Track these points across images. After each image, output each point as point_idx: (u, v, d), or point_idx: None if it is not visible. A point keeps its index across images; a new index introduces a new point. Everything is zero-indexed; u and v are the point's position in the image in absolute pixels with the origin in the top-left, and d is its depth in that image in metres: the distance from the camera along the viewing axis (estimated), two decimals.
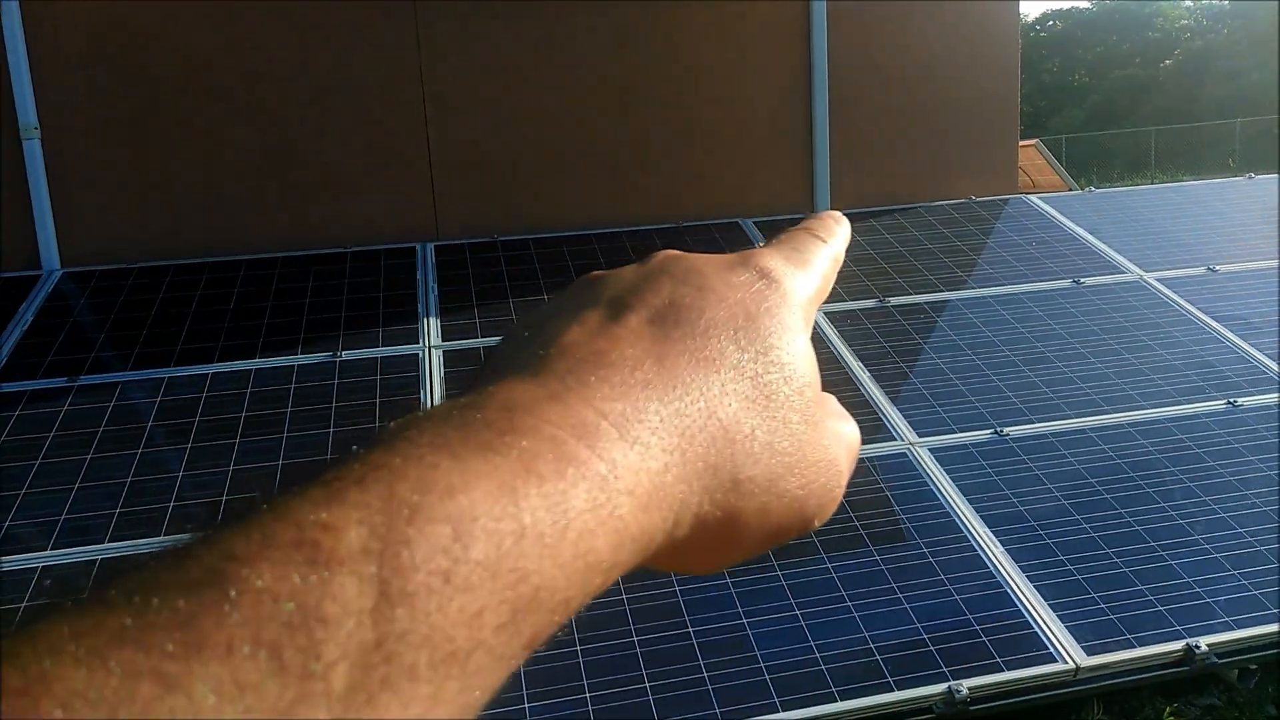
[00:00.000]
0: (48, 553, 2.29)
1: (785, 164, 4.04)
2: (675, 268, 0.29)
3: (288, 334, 3.15)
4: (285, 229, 3.69)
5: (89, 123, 3.48)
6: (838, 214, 0.35)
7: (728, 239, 3.77)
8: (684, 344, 0.26)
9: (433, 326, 3.23)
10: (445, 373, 2.99)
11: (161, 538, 2.36)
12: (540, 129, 3.86)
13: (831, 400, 0.31)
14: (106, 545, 2.32)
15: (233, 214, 3.64)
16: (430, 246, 3.73)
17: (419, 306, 3.34)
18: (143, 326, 3.14)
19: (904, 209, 4.02)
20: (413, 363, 3.05)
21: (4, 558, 2.28)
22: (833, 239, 0.34)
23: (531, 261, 3.66)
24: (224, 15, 3.54)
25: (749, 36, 3.95)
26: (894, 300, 3.28)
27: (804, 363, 0.28)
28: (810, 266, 0.31)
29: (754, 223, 3.88)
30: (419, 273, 3.55)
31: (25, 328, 3.08)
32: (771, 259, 0.30)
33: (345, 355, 3.05)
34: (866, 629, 1.94)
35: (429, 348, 3.12)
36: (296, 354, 3.05)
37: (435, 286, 3.46)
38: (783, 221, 3.94)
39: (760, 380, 0.26)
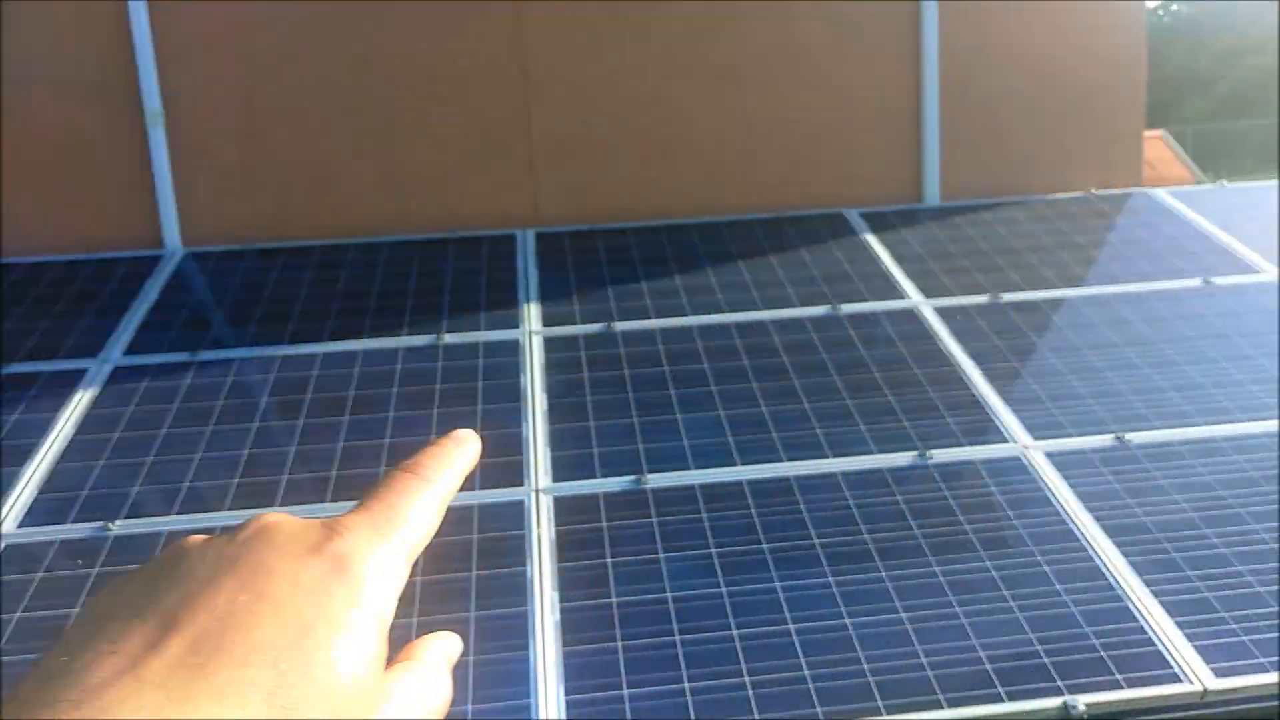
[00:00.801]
0: (171, 517, 2.39)
1: (892, 152, 3.93)
2: (248, 560, 0.29)
3: (393, 316, 3.22)
4: (390, 214, 3.76)
5: (208, 110, 3.61)
6: (464, 434, 0.35)
7: (832, 229, 3.69)
8: (213, 681, 0.26)
9: (533, 312, 3.25)
10: (545, 358, 3.00)
11: (276, 507, 2.43)
12: (639, 115, 3.84)
13: (414, 671, 0.31)
14: (225, 513, 2.40)
15: (341, 199, 3.73)
16: (529, 233, 3.75)
17: (519, 292, 3.37)
18: (257, 305, 3.24)
19: (1019, 201, 3.86)
20: (513, 348, 3.07)
21: (131, 520, 2.39)
22: (442, 474, 0.33)
23: (630, 250, 3.66)
24: (332, 5, 3.62)
25: (855, 18, 3.85)
26: (1007, 296, 3.15)
27: (352, 671, 0.28)
28: (405, 525, 0.32)
29: (859, 213, 3.78)
30: (518, 259, 3.58)
31: (150, 305, 3.22)
32: (353, 538, 0.30)
33: (449, 338, 3.09)
34: (976, 636, 1.87)
35: (529, 333, 3.14)
36: (402, 336, 3.11)
37: (535, 273, 3.49)
38: (890, 213, 3.84)
39: (291, 705, 0.26)
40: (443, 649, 0.34)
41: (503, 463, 2.59)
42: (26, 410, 2.74)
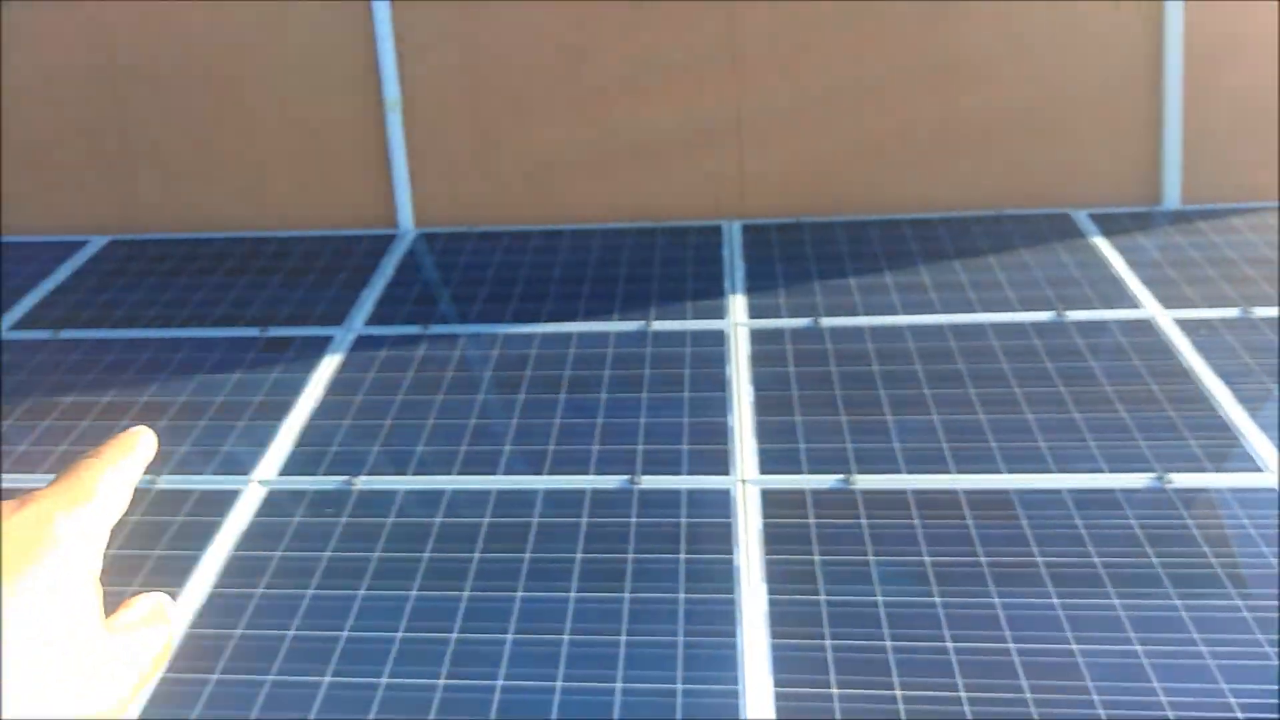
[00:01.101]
0: (405, 478, 2.60)
1: (1127, 150, 3.69)
2: None
3: (605, 302, 3.33)
4: (603, 202, 3.89)
5: (440, 99, 3.85)
6: (140, 428, 0.39)
7: (1057, 230, 3.51)
8: None
9: (738, 304, 3.29)
10: (751, 350, 3.04)
11: (496, 475, 2.59)
12: (853, 106, 3.78)
13: (132, 611, 0.35)
14: (454, 477, 2.59)
15: (558, 186, 3.89)
16: (736, 225, 3.79)
17: (725, 284, 3.41)
18: (481, 285, 3.45)
19: (1271, 206, 3.54)
20: (719, 338, 3.12)
21: (371, 478, 2.61)
22: (123, 457, 0.37)
23: (838, 244, 3.62)
24: (556, 2, 3.78)
25: (1088, 6, 3.63)
26: (1260, 312, 2.91)
27: (66, 611, 0.31)
28: (92, 495, 0.35)
29: (1088, 214, 3.58)
30: (725, 250, 3.62)
31: (387, 280, 3.49)
32: (45, 504, 0.33)
33: (657, 326, 3.18)
34: (1225, 680, 1.76)
35: (734, 324, 3.18)
36: (613, 321, 3.22)
37: (741, 265, 3.52)
38: (1123, 215, 3.61)
39: (18, 639, 0.29)
40: (153, 603, 0.37)
41: (710, 451, 2.64)
42: (284, 370, 3.04)
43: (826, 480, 2.46)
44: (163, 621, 0.36)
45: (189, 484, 2.63)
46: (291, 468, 2.67)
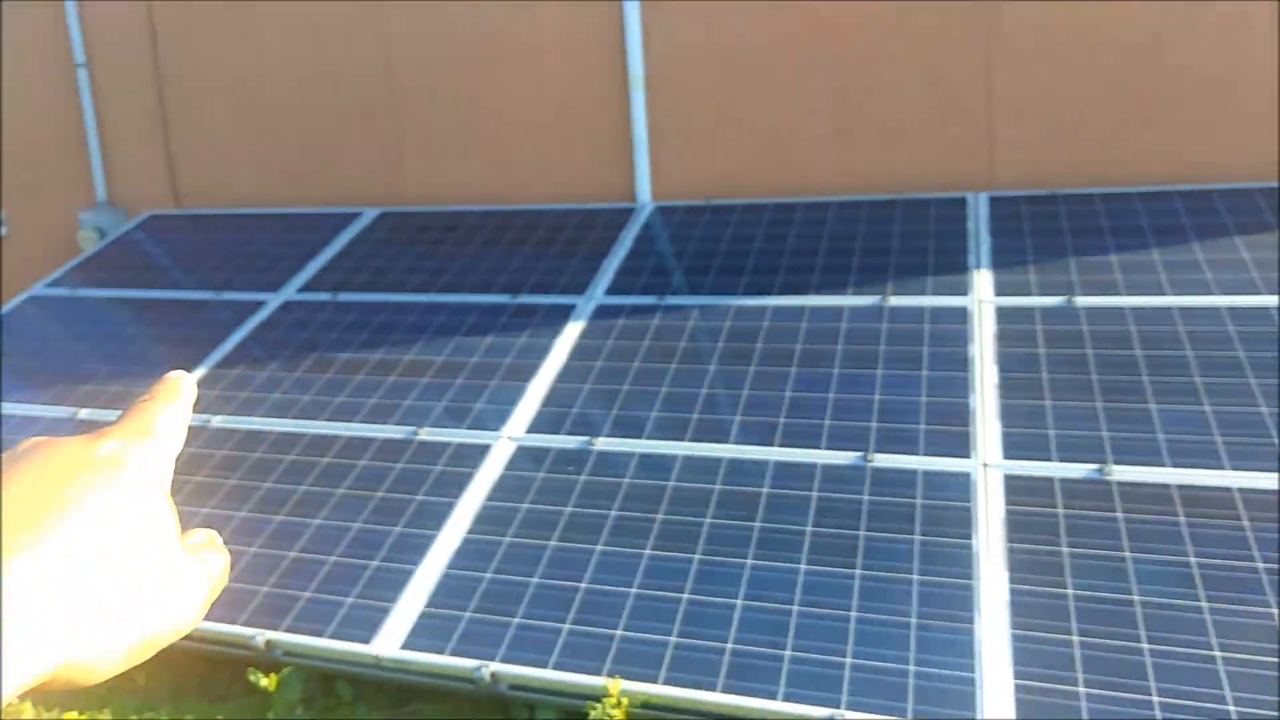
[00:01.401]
0: (641, 441, 2.70)
1: None
2: (36, 455, 0.35)
3: (839, 275, 3.29)
4: (839, 173, 3.82)
5: (683, 74, 3.91)
6: (178, 376, 0.42)
7: None
8: (39, 521, 0.32)
9: (983, 280, 3.14)
10: (997, 329, 2.90)
11: (727, 444, 2.65)
12: (1118, 71, 3.48)
13: (196, 535, 0.38)
14: (686, 444, 2.67)
15: (793, 158, 3.86)
16: (982, 197, 3.60)
17: (969, 258, 3.27)
18: (715, 257, 3.50)
19: None
20: (961, 315, 3.00)
21: (609, 439, 2.74)
22: (173, 399, 0.40)
23: (1097, 217, 3.36)
24: None
25: None
26: None
27: (146, 527, 0.35)
28: (154, 431, 0.39)
29: None
30: (969, 223, 3.46)
31: (626, 252, 3.62)
32: (116, 438, 0.37)
33: (894, 301, 3.10)
34: None
35: (979, 301, 3.04)
36: (847, 295, 3.17)
37: (988, 238, 3.35)
38: None
39: (104, 545, 0.33)
40: (208, 535, 0.40)
41: (949, 431, 2.56)
42: (531, 335, 3.24)
43: (1079, 469, 2.31)
44: (219, 550, 0.40)
45: (447, 436, 2.87)
46: (537, 426, 2.85)
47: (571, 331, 3.23)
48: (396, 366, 3.21)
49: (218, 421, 3.08)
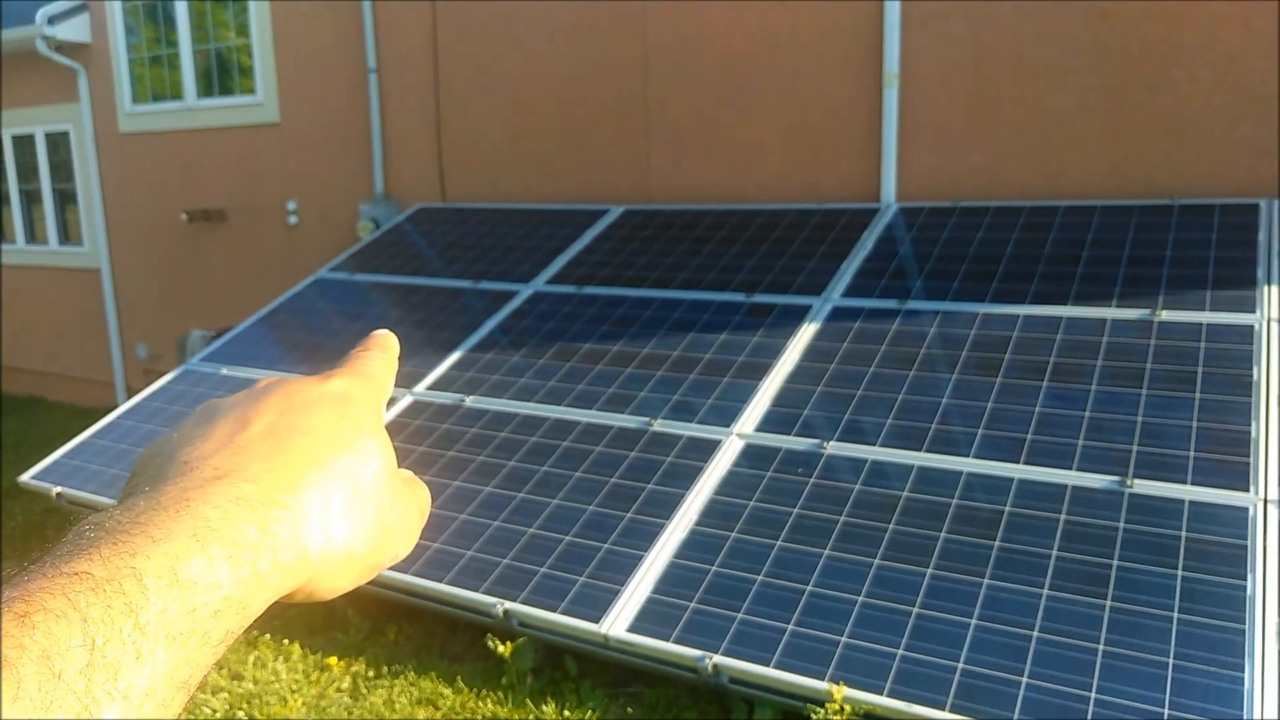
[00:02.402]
0: (873, 449, 2.65)
1: None
2: (277, 391, 0.39)
3: (1102, 285, 3.06)
4: (1107, 176, 3.55)
5: (940, 71, 3.77)
6: (383, 332, 0.46)
7: None
8: (287, 444, 0.36)
9: (1274, 296, 2.81)
10: None
11: (966, 458, 2.54)
12: None
13: (406, 472, 0.42)
14: (923, 454, 2.59)
15: (1058, 158, 3.62)
16: (1277, 204, 3.22)
17: (1258, 271, 2.94)
18: (961, 261, 3.36)
19: None
20: (1246, 334, 2.70)
21: (841, 444, 2.70)
22: (384, 351, 0.45)
23: None
24: None
25: None
26: None
27: (378, 455, 0.39)
28: (371, 377, 0.42)
29: None
30: (1261, 232, 3.11)
31: (866, 253, 3.55)
32: (342, 380, 0.41)
33: (1165, 316, 2.85)
34: None
35: (1268, 320, 2.73)
36: (1110, 307, 2.95)
37: None
38: None
39: (349, 469, 0.37)
40: (409, 472, 0.43)
41: (1224, 461, 2.32)
42: (764, 335, 3.25)
43: None
44: (423, 487, 0.43)
45: (679, 429, 2.95)
46: (767, 425, 2.86)
47: (806, 332, 3.21)
48: (634, 359, 3.33)
49: (470, 401, 3.33)
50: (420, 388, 3.48)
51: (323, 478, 0.36)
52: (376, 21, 5.13)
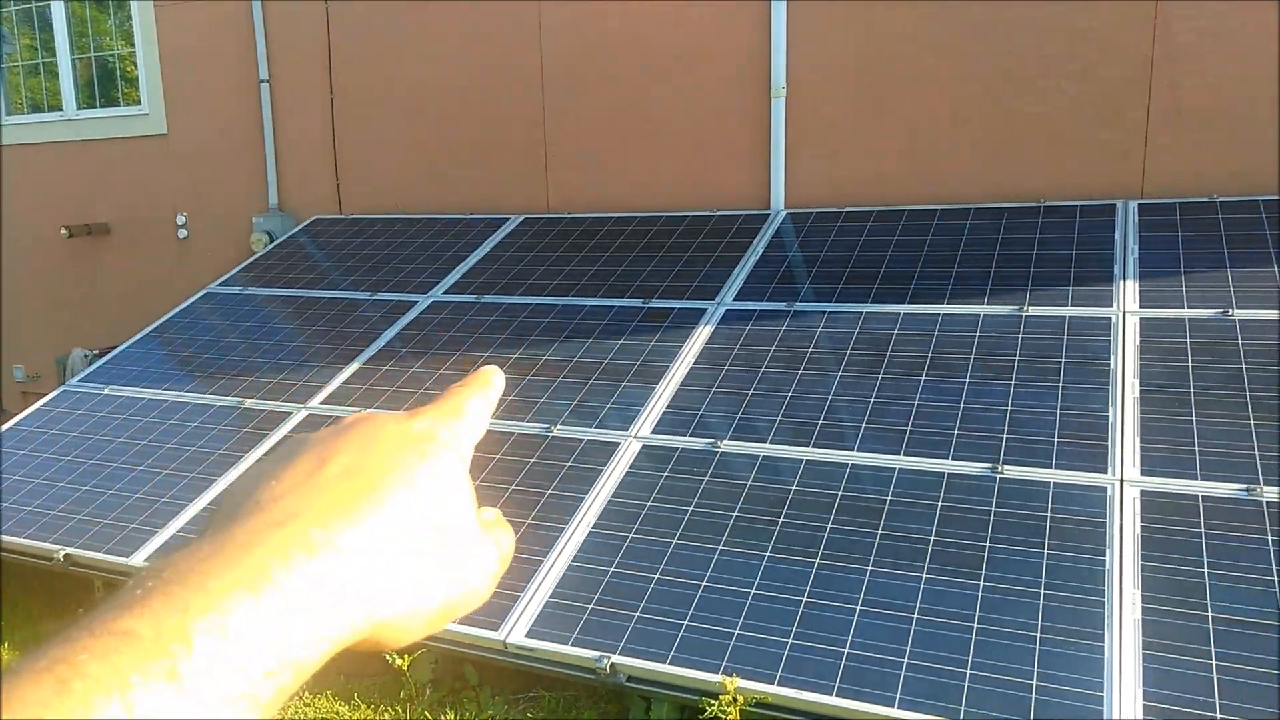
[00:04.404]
0: (765, 445, 2.74)
1: None
2: (360, 430, 0.38)
3: (975, 283, 3.22)
4: (981, 181, 3.73)
5: (824, 83, 3.91)
6: (491, 367, 0.44)
7: None
8: (362, 484, 0.35)
9: (1129, 290, 3.01)
10: (1140, 341, 2.78)
11: (851, 451, 2.65)
12: None
13: (486, 513, 0.40)
14: (810, 449, 2.68)
15: (935, 165, 3.80)
16: (1132, 204, 3.45)
17: (1115, 268, 3.14)
18: (846, 264, 3.49)
19: None
20: (1103, 326, 2.89)
21: (733, 442, 2.78)
22: (484, 389, 0.43)
23: (1260, 226, 3.17)
24: None
25: None
26: None
27: (454, 501, 0.37)
28: (464, 415, 0.41)
29: None
30: (1117, 232, 3.32)
31: (757, 258, 3.66)
32: (430, 419, 0.40)
33: (1032, 311, 3.02)
34: None
35: (1123, 313, 2.92)
36: (982, 304, 3.11)
37: (1135, 248, 3.21)
38: None
39: (422, 515, 0.36)
40: (495, 513, 0.42)
41: (1084, 445, 2.48)
42: (661, 339, 3.32)
43: (1226, 489, 2.20)
44: (507, 528, 0.42)
45: (579, 433, 2.98)
46: (664, 426, 2.93)
47: (701, 335, 3.29)
48: (534, 365, 3.36)
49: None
50: (315, 401, 3.44)
51: (393, 524, 0.35)
52: (268, 30, 5.03)
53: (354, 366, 3.59)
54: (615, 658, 2.25)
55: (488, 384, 0.43)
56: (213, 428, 3.45)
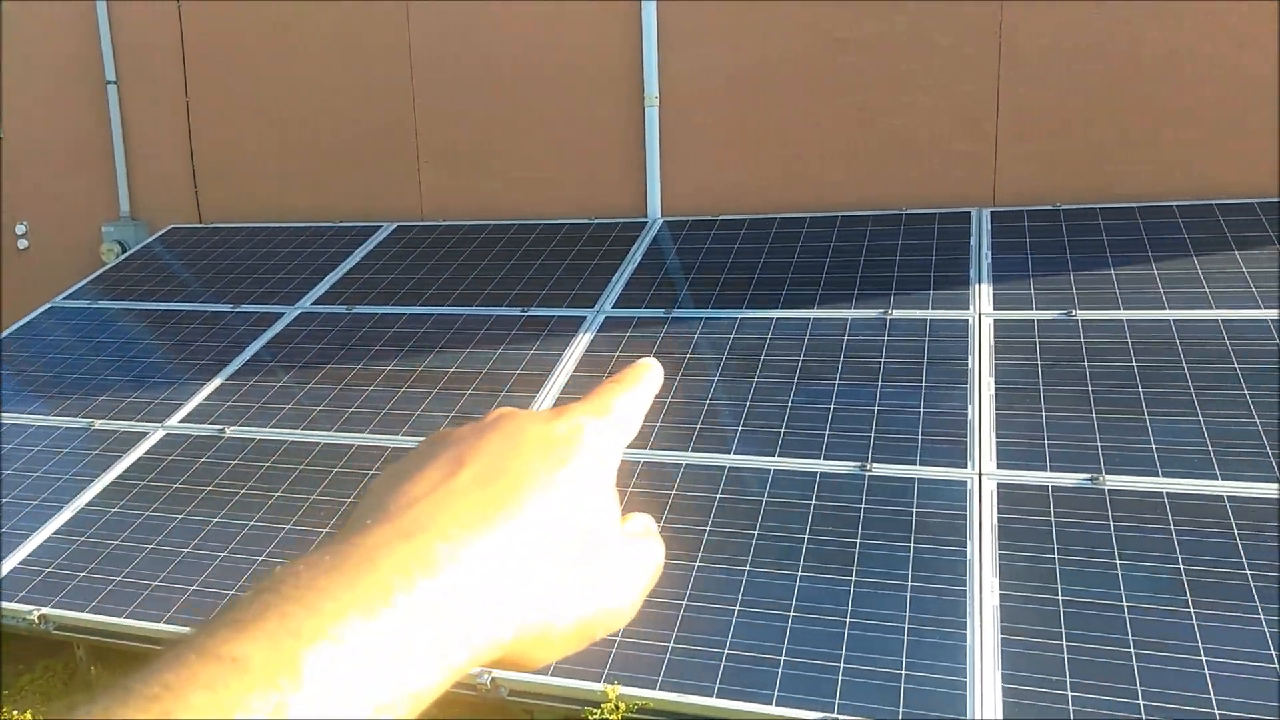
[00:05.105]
0: (645, 451, 2.76)
1: None
2: (502, 427, 0.36)
3: (843, 288, 3.34)
4: (850, 189, 3.87)
5: (696, 93, 3.98)
6: (650, 360, 0.41)
7: None
8: (498, 491, 0.33)
9: (984, 294, 3.18)
10: (995, 341, 2.93)
11: (728, 454, 2.69)
12: (1129, 85, 3.51)
13: (635, 522, 0.38)
14: (688, 454, 2.72)
15: (806, 175, 3.92)
16: (986, 212, 3.64)
17: (971, 272, 3.31)
18: (722, 271, 3.55)
19: None
20: (961, 328, 3.04)
21: None
22: (637, 385, 0.40)
23: (1098, 232, 3.39)
24: None
25: None
26: None
27: (596, 509, 0.35)
28: (613, 414, 0.38)
29: None
30: (972, 238, 3.50)
31: (635, 265, 3.68)
32: (577, 417, 0.37)
33: (896, 314, 3.14)
34: None
35: (979, 314, 3.08)
36: (850, 308, 3.22)
37: (989, 254, 3.39)
38: None
39: (559, 527, 0.33)
40: (648, 522, 0.40)
41: (946, 442, 2.60)
42: (541, 347, 3.30)
43: (1072, 478, 2.34)
44: (658, 539, 0.38)
45: None
46: None
47: (581, 343, 3.29)
48: (409, 377, 3.28)
49: (231, 431, 3.16)
50: (173, 420, 3.26)
51: (528, 534, 0.33)
52: (114, 31, 4.76)
53: (217, 382, 3.43)
54: (496, 672, 2.22)
55: (641, 379, 0.40)
56: (58, 451, 3.23)
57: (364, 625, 0.28)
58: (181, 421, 3.25)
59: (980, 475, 2.46)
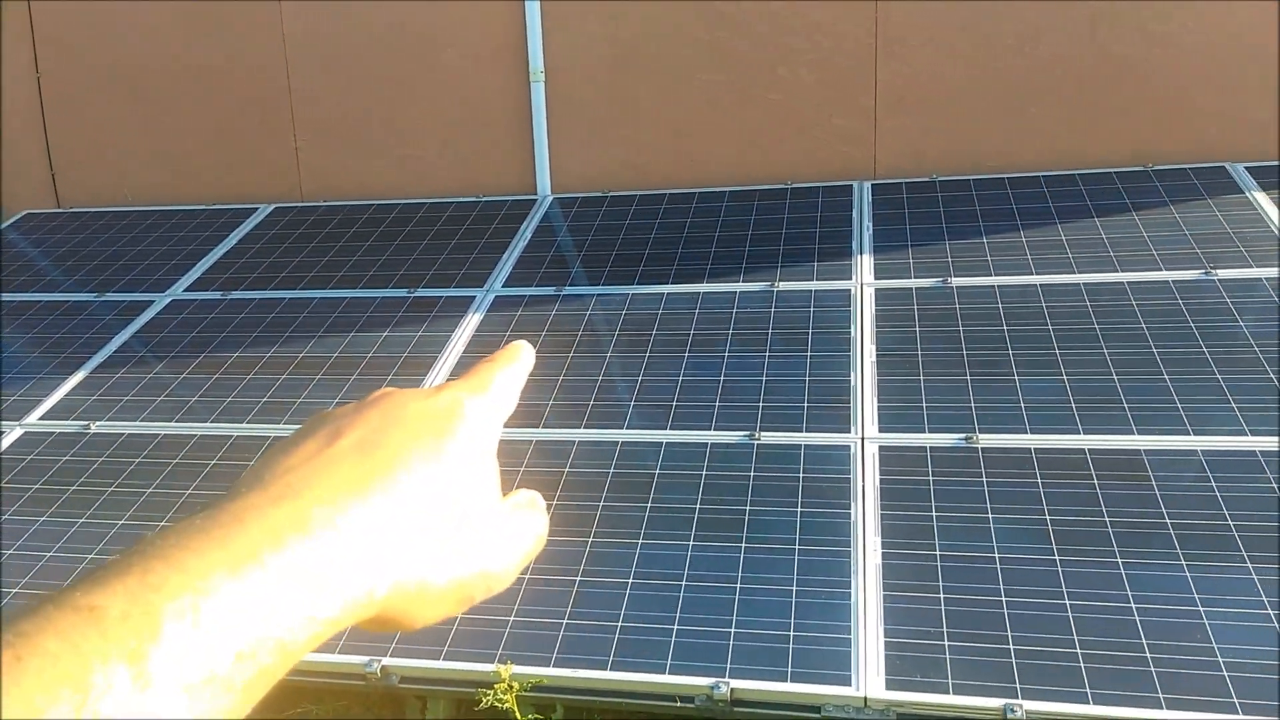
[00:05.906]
0: (538, 429, 2.74)
1: None
2: (382, 404, 0.37)
3: (732, 262, 3.37)
4: (736, 165, 3.91)
5: (582, 69, 3.95)
6: (522, 342, 0.44)
7: (1211, 185, 3.30)
8: (379, 459, 0.34)
9: (865, 264, 3.26)
10: (876, 310, 3.01)
11: (621, 429, 2.70)
12: (996, 62, 3.65)
13: (519, 495, 0.39)
14: (582, 430, 2.71)
15: (693, 150, 3.93)
16: (867, 185, 3.74)
17: (853, 244, 3.39)
18: (612, 248, 3.55)
19: None
20: (844, 298, 3.11)
21: (507, 429, 2.76)
22: (512, 363, 0.42)
23: (972, 203, 3.52)
24: None
25: None
26: None
27: (475, 479, 0.36)
28: (490, 390, 0.40)
29: (1246, 167, 3.35)
30: (854, 211, 3.59)
31: (525, 243, 3.64)
32: (456, 392, 0.38)
33: (782, 286, 3.20)
34: None
35: (860, 284, 3.16)
36: (739, 281, 3.26)
37: (870, 225, 3.48)
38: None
39: (435, 492, 0.34)
40: (531, 495, 0.41)
41: (830, 408, 2.66)
42: (429, 329, 3.24)
43: (948, 439, 2.43)
44: (541, 512, 0.40)
45: None
46: None
47: (470, 323, 3.24)
48: (290, 364, 3.17)
49: (97, 427, 3.00)
50: (32, 418, 3.08)
51: (405, 501, 0.33)
52: None
53: (80, 375, 3.25)
54: (386, 660, 2.18)
55: (516, 358, 0.42)
56: None
57: (229, 582, 0.28)
58: (41, 419, 3.07)
59: (863, 439, 2.53)
